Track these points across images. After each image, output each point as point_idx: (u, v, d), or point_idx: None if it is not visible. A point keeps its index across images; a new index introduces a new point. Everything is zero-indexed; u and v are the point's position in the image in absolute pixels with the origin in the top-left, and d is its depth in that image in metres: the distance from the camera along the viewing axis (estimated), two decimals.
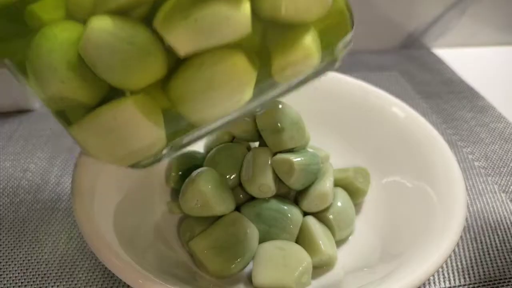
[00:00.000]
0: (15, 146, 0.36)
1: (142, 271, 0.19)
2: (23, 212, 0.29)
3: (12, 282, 0.25)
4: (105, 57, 0.15)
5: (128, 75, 0.15)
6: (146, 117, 0.16)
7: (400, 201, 0.27)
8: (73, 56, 0.15)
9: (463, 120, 0.42)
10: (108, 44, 0.15)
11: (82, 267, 0.26)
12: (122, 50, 0.15)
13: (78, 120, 0.16)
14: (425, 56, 0.55)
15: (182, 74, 0.16)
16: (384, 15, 0.53)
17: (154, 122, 0.16)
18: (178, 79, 0.16)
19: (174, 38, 0.15)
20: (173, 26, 0.15)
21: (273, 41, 0.17)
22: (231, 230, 0.23)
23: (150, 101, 0.16)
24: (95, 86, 0.16)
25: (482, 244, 0.29)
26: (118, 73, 0.15)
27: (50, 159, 0.35)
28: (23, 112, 0.40)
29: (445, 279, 0.26)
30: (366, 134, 0.31)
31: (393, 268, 0.22)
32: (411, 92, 0.46)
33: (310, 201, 0.25)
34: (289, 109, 0.25)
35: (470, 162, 0.36)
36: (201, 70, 0.16)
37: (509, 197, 0.33)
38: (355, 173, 0.28)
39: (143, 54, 0.15)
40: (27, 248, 0.27)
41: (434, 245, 0.21)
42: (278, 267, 0.22)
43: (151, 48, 0.15)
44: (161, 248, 0.24)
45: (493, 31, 0.58)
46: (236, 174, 0.26)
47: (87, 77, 0.15)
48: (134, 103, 0.16)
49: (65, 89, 0.15)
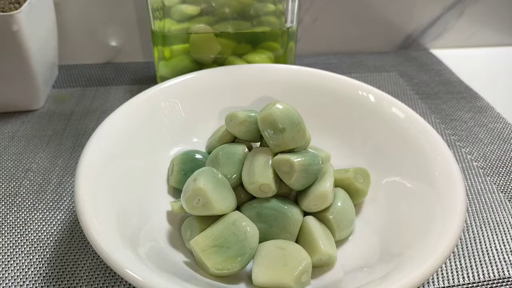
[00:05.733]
0: (17, 146, 0.36)
1: (143, 269, 0.20)
2: (24, 212, 0.30)
3: (13, 282, 0.25)
4: None
5: None
6: None
7: (400, 201, 0.27)
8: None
9: (462, 121, 0.42)
10: None
11: (84, 267, 0.26)
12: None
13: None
14: (424, 57, 0.55)
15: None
16: (383, 16, 0.54)
17: None
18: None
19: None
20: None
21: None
22: (232, 229, 0.23)
23: None
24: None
25: (481, 244, 0.29)
26: None
27: (52, 159, 0.35)
28: (25, 112, 0.40)
29: (444, 279, 0.26)
30: (366, 135, 0.31)
31: (392, 268, 0.22)
32: (410, 93, 0.47)
33: (310, 201, 0.25)
34: (290, 110, 0.25)
35: (469, 162, 0.36)
36: None
37: (507, 197, 0.33)
38: (355, 174, 0.28)
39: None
40: (28, 248, 0.27)
41: (433, 245, 0.21)
42: (278, 267, 0.22)
43: None
44: (163, 246, 0.25)
45: (491, 32, 0.58)
46: (237, 174, 0.26)
47: None
48: None
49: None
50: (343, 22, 0.53)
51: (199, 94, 0.33)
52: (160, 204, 0.27)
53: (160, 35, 0.37)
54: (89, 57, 0.50)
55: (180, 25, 0.37)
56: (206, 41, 0.37)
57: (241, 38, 0.38)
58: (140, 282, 0.19)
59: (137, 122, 0.29)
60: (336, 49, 0.55)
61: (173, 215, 0.27)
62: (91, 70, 0.49)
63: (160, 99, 0.31)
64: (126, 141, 0.28)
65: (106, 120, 0.27)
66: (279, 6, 0.37)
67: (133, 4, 0.47)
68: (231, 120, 0.28)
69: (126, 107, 0.29)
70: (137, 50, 0.51)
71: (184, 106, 0.32)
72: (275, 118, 0.25)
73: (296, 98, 0.33)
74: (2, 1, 0.35)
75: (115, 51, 0.50)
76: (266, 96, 0.34)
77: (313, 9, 0.51)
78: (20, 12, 0.34)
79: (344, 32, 0.54)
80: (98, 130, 0.27)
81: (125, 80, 0.47)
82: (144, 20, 0.48)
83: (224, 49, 0.38)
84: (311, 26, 0.52)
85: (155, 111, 0.31)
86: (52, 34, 0.43)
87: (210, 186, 0.24)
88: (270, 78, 0.34)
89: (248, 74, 0.34)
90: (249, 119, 0.27)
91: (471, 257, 0.28)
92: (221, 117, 0.33)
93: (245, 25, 0.37)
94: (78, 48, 0.49)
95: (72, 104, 0.42)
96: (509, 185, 0.34)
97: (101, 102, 0.43)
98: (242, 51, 0.38)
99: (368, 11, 0.53)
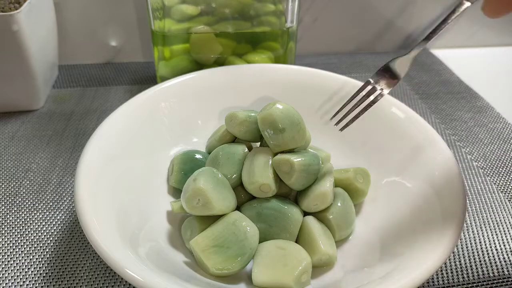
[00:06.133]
0: (17, 146, 0.36)
1: (143, 269, 0.20)
2: (24, 212, 0.30)
3: (13, 282, 0.25)
4: None
5: None
6: None
7: (400, 201, 0.27)
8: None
9: (462, 121, 0.42)
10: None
11: (84, 266, 0.26)
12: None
13: None
14: (424, 57, 0.55)
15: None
16: (383, 16, 0.54)
17: None
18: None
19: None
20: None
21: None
22: (232, 229, 0.23)
23: None
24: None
25: (481, 244, 0.29)
26: None
27: (52, 159, 0.35)
28: (25, 112, 0.40)
29: (443, 278, 0.27)
30: (366, 135, 0.31)
31: (392, 268, 0.22)
32: (410, 93, 0.47)
33: (310, 201, 0.25)
34: (290, 110, 0.25)
35: (469, 162, 0.36)
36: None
37: (507, 197, 0.33)
38: (355, 174, 0.28)
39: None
40: (28, 248, 0.27)
41: (433, 245, 0.21)
42: (278, 266, 0.22)
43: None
44: (163, 246, 0.25)
45: (491, 32, 0.58)
46: (237, 174, 0.26)
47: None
48: None
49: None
50: (343, 22, 0.53)
51: (199, 94, 0.33)
52: (160, 204, 0.27)
53: (160, 35, 0.37)
54: (89, 57, 0.50)
55: (180, 25, 0.37)
56: (206, 41, 0.37)
57: (241, 38, 0.38)
58: (140, 282, 0.19)
59: (137, 122, 0.29)
60: (336, 49, 0.55)
61: (173, 215, 0.27)
62: (91, 70, 0.49)
63: (160, 99, 0.31)
64: (126, 141, 0.28)
65: (106, 120, 0.27)
66: (279, 6, 0.37)
67: (133, 4, 0.47)
68: (231, 120, 0.28)
69: (126, 107, 0.29)
70: (137, 50, 0.51)
71: (184, 106, 0.32)
72: (275, 118, 0.25)
73: (296, 98, 0.33)
74: (2, 1, 0.35)
75: (115, 51, 0.50)
76: (266, 96, 0.34)
77: (313, 9, 0.51)
78: (20, 12, 0.34)
79: (344, 32, 0.54)
80: (98, 130, 0.27)
81: (125, 80, 0.47)
82: (144, 20, 0.48)
83: (224, 49, 0.38)
84: (311, 26, 0.52)
85: (155, 111, 0.31)
86: (52, 34, 0.43)
87: (210, 186, 0.24)
88: (270, 78, 0.34)
89: (248, 74, 0.34)
90: (249, 119, 0.27)
91: (471, 256, 0.28)
92: (221, 117, 0.33)
93: (245, 25, 0.37)
94: (78, 48, 0.49)
95: (72, 104, 0.42)
96: (509, 185, 0.34)
97: (101, 102, 0.43)
98: (242, 51, 0.38)
99: (368, 11, 0.53)
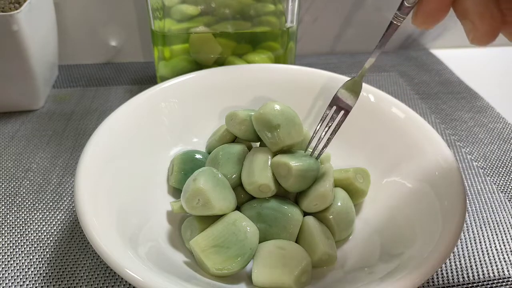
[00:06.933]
0: (17, 146, 0.36)
1: (143, 269, 0.20)
2: (24, 212, 0.30)
3: (13, 282, 0.25)
4: None
5: None
6: None
7: (400, 201, 0.27)
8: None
9: (462, 121, 0.42)
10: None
11: (84, 267, 0.26)
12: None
13: None
14: (424, 57, 0.55)
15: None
16: (382, 16, 0.54)
17: None
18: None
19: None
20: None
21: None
22: (232, 229, 0.23)
23: None
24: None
25: (481, 244, 0.29)
26: None
27: (52, 159, 0.35)
28: (25, 112, 0.40)
29: (443, 278, 0.27)
30: (366, 135, 0.31)
31: (392, 268, 0.22)
32: (410, 93, 0.47)
33: (310, 201, 0.25)
34: (283, 107, 0.26)
35: (469, 162, 0.36)
36: None
37: (507, 197, 0.33)
38: (355, 174, 0.28)
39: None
40: (28, 248, 0.27)
41: (433, 245, 0.21)
42: (278, 266, 0.22)
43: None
44: (163, 246, 0.25)
45: None
46: (237, 174, 0.26)
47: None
48: None
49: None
50: (343, 22, 0.53)
51: (199, 94, 0.33)
52: (160, 204, 0.27)
53: (160, 35, 0.37)
54: (89, 57, 0.50)
55: (180, 25, 0.37)
56: (206, 41, 0.37)
57: (241, 38, 0.38)
58: (140, 282, 0.19)
59: (137, 122, 0.29)
60: (336, 49, 0.55)
61: (173, 215, 0.27)
62: (91, 70, 0.49)
63: (160, 99, 0.31)
64: (126, 141, 0.28)
65: (106, 120, 0.27)
66: (279, 6, 0.37)
67: (133, 4, 0.47)
68: (231, 119, 0.28)
69: (126, 107, 0.29)
70: (137, 50, 0.51)
71: (184, 106, 0.32)
72: (268, 115, 0.25)
73: (296, 98, 0.33)
74: (2, 1, 0.35)
75: (115, 51, 0.50)
76: (266, 96, 0.34)
77: (313, 9, 0.51)
78: (20, 12, 0.34)
79: (344, 32, 0.54)
80: (98, 130, 0.27)
81: (125, 80, 0.47)
82: (144, 20, 0.48)
83: (224, 49, 0.38)
84: (311, 26, 0.52)
85: (155, 111, 0.31)
86: (52, 34, 0.43)
87: (210, 186, 0.24)
88: (270, 78, 0.34)
89: (248, 74, 0.34)
90: (250, 118, 0.27)
91: (471, 256, 0.28)
92: (221, 117, 0.33)
93: (245, 25, 0.37)
94: (78, 48, 0.49)
95: (72, 104, 0.42)
96: (509, 185, 0.34)
97: (101, 102, 0.43)
98: (242, 51, 0.38)
99: (368, 11, 0.53)
